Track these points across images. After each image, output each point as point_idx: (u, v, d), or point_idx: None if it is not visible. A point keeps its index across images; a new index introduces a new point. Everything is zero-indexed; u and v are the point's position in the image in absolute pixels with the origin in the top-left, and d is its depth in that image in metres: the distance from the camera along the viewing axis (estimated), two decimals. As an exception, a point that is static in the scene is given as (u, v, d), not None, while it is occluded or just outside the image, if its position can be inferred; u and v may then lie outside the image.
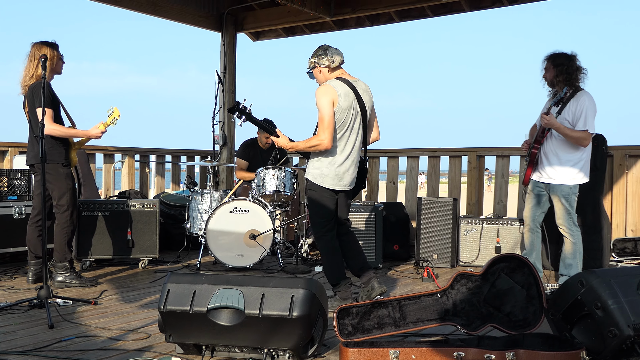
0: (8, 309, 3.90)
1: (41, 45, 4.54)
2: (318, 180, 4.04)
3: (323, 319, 3.01)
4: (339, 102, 3.93)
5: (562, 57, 4.63)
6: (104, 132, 4.65)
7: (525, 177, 4.84)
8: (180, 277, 2.98)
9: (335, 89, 3.95)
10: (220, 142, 7.87)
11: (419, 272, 5.51)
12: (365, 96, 4.11)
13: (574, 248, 4.68)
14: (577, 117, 4.49)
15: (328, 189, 4.05)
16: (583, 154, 4.61)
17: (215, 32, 8.03)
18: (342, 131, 4.00)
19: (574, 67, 4.59)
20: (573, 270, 4.69)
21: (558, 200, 4.65)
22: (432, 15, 7.28)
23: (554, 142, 4.63)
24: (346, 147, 4.03)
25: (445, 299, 3.30)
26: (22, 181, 5.49)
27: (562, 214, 4.65)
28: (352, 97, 4.00)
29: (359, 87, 4.07)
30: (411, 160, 6.94)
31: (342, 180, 4.06)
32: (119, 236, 5.53)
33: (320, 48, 4.11)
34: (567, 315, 3.02)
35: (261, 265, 5.62)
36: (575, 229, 4.69)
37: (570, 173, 4.59)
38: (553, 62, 4.64)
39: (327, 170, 4.03)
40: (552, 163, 4.62)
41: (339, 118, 3.96)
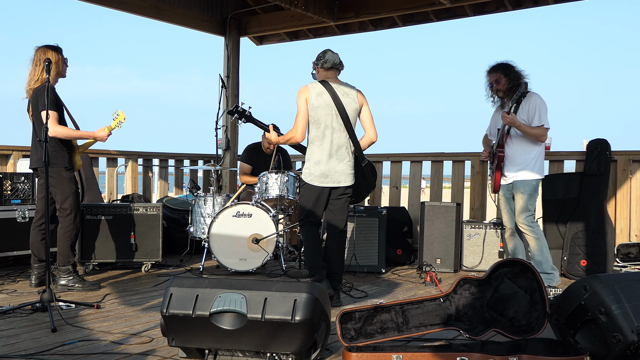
0: (11, 312, 3.91)
1: (45, 49, 4.56)
2: (307, 179, 4.39)
3: (326, 323, 3.01)
4: (311, 100, 4.32)
5: (508, 67, 4.91)
6: (109, 135, 4.67)
7: (496, 184, 5.01)
8: (182, 281, 2.98)
9: (310, 88, 4.36)
10: (223, 146, 7.88)
11: (421, 277, 5.50)
12: (346, 98, 4.37)
13: (538, 243, 4.83)
14: (532, 115, 4.80)
15: (316, 186, 4.36)
16: (538, 151, 4.88)
17: (219, 37, 8.05)
18: (320, 129, 4.33)
19: (518, 73, 4.91)
20: (545, 266, 4.82)
21: (520, 196, 4.84)
22: (436, 20, 7.29)
23: (514, 143, 4.88)
24: (329, 147, 4.35)
25: (448, 304, 3.29)
26: (25, 185, 5.50)
27: (522, 211, 4.84)
28: (327, 97, 4.33)
29: (338, 90, 4.37)
30: (414, 165, 6.93)
31: (328, 177, 4.35)
32: (122, 240, 5.54)
33: (321, 52, 4.46)
34: (571, 321, 3.01)
35: (264, 270, 5.61)
36: (535, 224, 4.89)
37: (531, 169, 4.84)
38: (503, 73, 4.91)
39: (314, 169, 4.36)
40: (514, 162, 4.87)
41: (312, 115, 4.33)
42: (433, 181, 6.89)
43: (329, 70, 4.43)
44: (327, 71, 4.43)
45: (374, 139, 4.51)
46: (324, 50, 4.45)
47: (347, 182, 4.41)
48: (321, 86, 4.36)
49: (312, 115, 4.33)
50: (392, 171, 7.11)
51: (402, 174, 7.11)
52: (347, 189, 4.44)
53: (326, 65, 4.41)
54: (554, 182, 5.76)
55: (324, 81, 4.39)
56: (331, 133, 4.33)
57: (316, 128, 4.34)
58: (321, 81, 4.40)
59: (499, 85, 4.92)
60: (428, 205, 5.95)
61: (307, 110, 4.33)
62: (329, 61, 4.40)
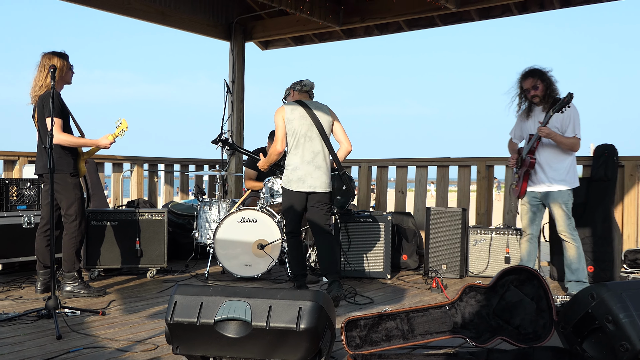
0: (16, 319, 3.91)
1: (51, 55, 4.57)
2: (286, 185, 4.74)
3: (331, 331, 2.99)
4: (286, 115, 4.71)
5: (543, 73, 4.85)
6: (112, 143, 4.68)
7: (522, 190, 4.92)
8: (187, 288, 2.97)
9: (284, 106, 4.78)
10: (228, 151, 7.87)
11: (427, 283, 5.47)
12: (318, 112, 4.76)
13: (577, 252, 4.80)
14: (566, 125, 4.75)
15: (294, 191, 4.69)
16: (572, 160, 4.85)
17: (225, 42, 8.06)
18: (297, 140, 4.69)
19: (551, 79, 4.85)
20: (581, 274, 4.79)
21: (558, 207, 4.78)
22: (442, 25, 7.27)
23: (546, 151, 4.81)
24: (305, 154, 4.68)
25: (454, 312, 3.27)
26: (31, 191, 5.51)
27: (563, 221, 4.79)
28: (300, 110, 4.72)
29: (311, 104, 4.79)
30: (420, 170, 6.91)
31: (305, 182, 4.66)
32: (128, 246, 5.53)
33: (297, 80, 4.92)
34: (578, 329, 2.99)
35: (269, 275, 5.60)
36: (575, 233, 4.82)
37: (566, 179, 4.78)
38: (540, 78, 4.84)
39: (292, 175, 4.70)
40: (547, 172, 4.80)
41: (289, 129, 4.71)
42: (439, 186, 6.87)
43: (302, 93, 4.88)
44: (301, 94, 4.88)
45: (349, 148, 4.89)
46: (299, 80, 4.90)
47: (323, 189, 4.71)
48: (295, 103, 4.79)
49: (288, 128, 4.71)
50: (397, 176, 7.09)
51: (408, 178, 7.09)
52: (324, 196, 4.73)
53: (304, 89, 4.88)
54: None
55: (298, 100, 4.84)
56: (306, 141, 4.69)
57: (293, 138, 4.71)
58: (296, 100, 4.84)
59: (536, 91, 4.82)
60: (434, 210, 5.93)
61: (284, 125, 4.72)
62: (307, 85, 4.88)
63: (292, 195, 4.73)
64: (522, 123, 5.03)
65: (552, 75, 4.86)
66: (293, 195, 4.72)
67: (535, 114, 4.91)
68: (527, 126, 4.96)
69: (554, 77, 4.86)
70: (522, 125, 5.03)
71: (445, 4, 6.43)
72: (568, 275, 4.82)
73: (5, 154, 6.06)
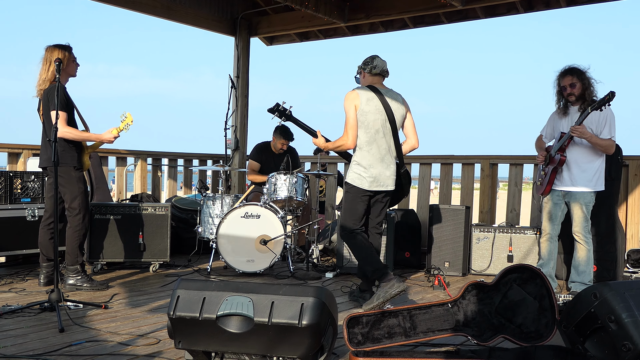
0: (19, 311, 3.92)
1: (54, 48, 4.57)
2: (357, 182, 4.40)
3: (333, 328, 3.00)
4: (361, 106, 4.32)
5: (582, 72, 4.75)
6: (116, 137, 4.68)
7: (547, 188, 4.87)
8: (190, 283, 2.98)
9: (359, 93, 4.35)
10: (232, 146, 7.88)
11: (430, 280, 5.47)
12: (394, 103, 4.40)
13: (588, 255, 4.77)
14: (602, 126, 4.67)
15: (366, 190, 4.39)
16: (602, 162, 4.75)
17: (229, 37, 8.05)
18: (370, 134, 4.35)
19: (590, 79, 4.74)
20: (586, 278, 4.75)
21: (579, 208, 4.74)
22: (447, 22, 7.26)
23: (576, 151, 4.74)
24: (379, 150, 4.38)
25: (456, 309, 3.27)
26: (35, 183, 5.53)
27: (581, 222, 4.75)
28: (377, 102, 4.34)
29: (387, 95, 4.40)
30: (423, 167, 6.91)
31: (377, 180, 4.38)
32: (131, 239, 5.55)
33: (369, 57, 4.50)
34: (580, 328, 2.98)
35: (272, 271, 5.61)
36: (589, 236, 4.80)
37: (591, 180, 4.73)
38: (579, 77, 4.74)
39: (365, 173, 4.37)
40: (574, 171, 4.74)
41: (362, 121, 4.34)
42: (442, 184, 6.87)
43: (375, 76, 4.47)
44: (374, 77, 4.47)
45: (415, 145, 4.59)
46: (372, 55, 4.48)
47: (392, 187, 4.47)
48: (370, 91, 4.38)
49: (361, 120, 4.34)
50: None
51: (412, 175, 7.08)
52: (389, 193, 4.52)
53: (375, 71, 4.44)
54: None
55: (372, 86, 4.42)
56: (381, 138, 4.37)
57: (366, 133, 4.35)
58: (369, 86, 4.43)
59: (573, 89, 4.74)
60: (437, 208, 5.93)
61: (356, 117, 4.34)
62: (377, 67, 4.44)
63: (363, 193, 4.41)
64: (555, 121, 4.96)
65: (592, 76, 4.75)
66: (364, 194, 4.42)
67: (570, 114, 4.83)
68: (560, 124, 4.88)
69: (593, 77, 4.76)
70: (555, 124, 4.96)
71: (451, 2, 6.41)
72: (573, 275, 4.81)
73: (9, 146, 6.07)
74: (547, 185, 4.85)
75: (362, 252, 4.41)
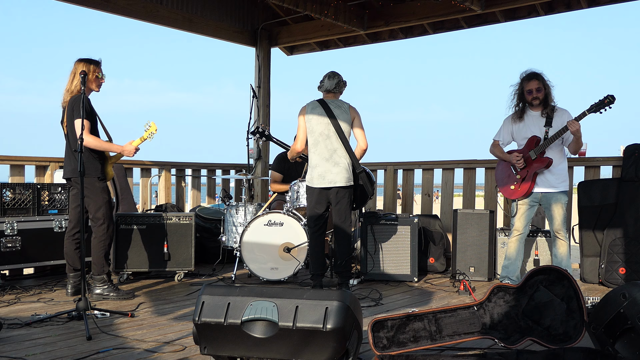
0: (48, 320, 3.98)
1: (82, 61, 4.67)
2: (309, 182, 4.97)
3: (357, 332, 2.98)
4: (307, 115, 4.99)
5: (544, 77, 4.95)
6: (137, 150, 4.73)
7: (528, 190, 4.94)
8: (214, 289, 2.99)
9: (306, 106, 5.03)
10: (254, 155, 7.92)
11: (455, 286, 5.43)
12: (337, 110, 4.95)
13: (568, 249, 4.96)
14: None
15: (315, 187, 4.91)
16: (566, 163, 5.01)
17: (250, 47, 8.12)
18: (314, 137, 4.93)
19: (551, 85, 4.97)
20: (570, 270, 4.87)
21: (560, 207, 4.92)
22: (466, 27, 7.22)
23: (549, 153, 4.89)
24: (323, 151, 4.90)
25: (482, 312, 3.24)
26: (62, 195, 5.61)
27: (562, 220, 4.94)
28: (320, 110, 4.95)
29: (331, 104, 4.97)
30: (446, 173, 6.86)
31: (324, 178, 4.87)
32: (156, 249, 5.59)
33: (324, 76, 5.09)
34: (610, 329, 2.94)
35: (296, 279, 5.61)
36: (568, 233, 5.04)
37: (565, 181, 4.94)
38: (543, 82, 4.94)
39: (312, 172, 4.94)
40: (554, 173, 4.89)
41: (308, 127, 4.98)
42: (466, 188, 6.81)
43: (326, 92, 5.08)
44: (324, 92, 5.09)
45: (364, 147, 5.04)
46: (327, 74, 5.07)
47: (342, 183, 4.87)
48: (316, 102, 5.02)
49: (308, 127, 4.98)
50: (423, 179, 7.05)
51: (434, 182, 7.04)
52: (344, 190, 4.90)
53: (321, 89, 5.10)
54: (591, 189, 5.65)
55: (320, 99, 5.05)
56: (324, 140, 4.90)
57: (311, 136, 4.96)
58: (318, 100, 5.04)
59: (539, 93, 4.91)
60: (461, 212, 5.88)
61: (304, 125, 4.99)
62: (323, 86, 5.07)
63: (313, 192, 4.93)
64: (514, 126, 5.06)
65: (549, 80, 4.97)
66: (314, 192, 4.93)
67: (530, 117, 4.97)
68: (525, 128, 4.99)
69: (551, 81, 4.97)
70: (515, 128, 5.06)
71: (471, 6, 6.39)
72: None
73: (37, 159, 6.17)
74: (528, 188, 4.92)
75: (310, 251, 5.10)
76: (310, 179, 4.98)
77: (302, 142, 5.06)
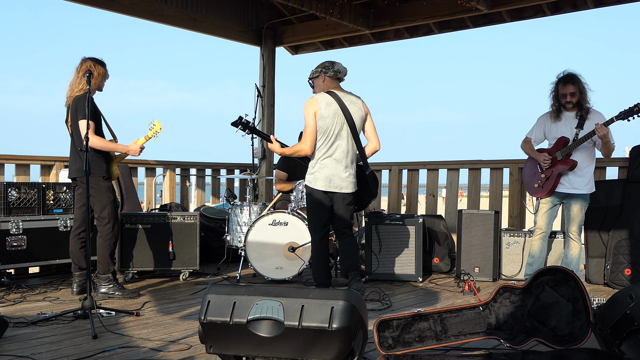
0: (53, 319, 3.99)
1: (87, 60, 4.68)
2: (312, 183, 4.55)
3: (363, 332, 2.98)
4: (320, 112, 4.46)
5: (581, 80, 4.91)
6: (142, 149, 4.72)
7: (552, 189, 4.95)
8: (220, 288, 2.99)
9: (318, 100, 4.49)
10: (259, 155, 7.93)
11: (460, 286, 5.42)
12: (352, 107, 4.54)
13: (580, 252, 4.98)
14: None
15: (320, 190, 4.53)
16: (594, 166, 4.98)
17: (255, 47, 8.12)
18: (328, 138, 4.49)
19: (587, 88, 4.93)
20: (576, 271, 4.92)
21: (580, 210, 4.93)
22: (472, 26, 7.21)
23: (577, 155, 4.88)
24: (335, 153, 4.52)
25: (487, 312, 3.23)
26: (67, 194, 5.62)
27: (579, 222, 4.95)
28: (335, 106, 4.48)
29: (345, 99, 4.53)
30: (451, 173, 6.86)
31: (332, 182, 4.51)
32: (160, 249, 5.60)
33: (328, 61, 4.63)
34: (616, 330, 2.93)
35: (300, 278, 5.61)
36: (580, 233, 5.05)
37: (589, 184, 4.93)
38: (579, 85, 4.90)
39: (319, 174, 4.52)
40: (578, 175, 4.88)
41: (321, 125, 4.48)
42: (470, 189, 6.81)
43: (334, 80, 4.62)
44: (333, 81, 4.61)
45: (377, 147, 4.71)
46: (330, 60, 4.62)
47: (349, 189, 4.59)
48: (329, 96, 4.52)
49: (320, 125, 4.48)
50: (428, 179, 7.05)
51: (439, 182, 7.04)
52: (350, 196, 4.62)
53: (340, 75, 4.60)
54: (596, 190, 5.62)
55: (330, 91, 4.56)
56: (339, 141, 4.51)
57: (323, 135, 4.50)
58: (327, 92, 4.56)
59: (573, 97, 4.89)
60: (466, 213, 5.87)
61: (315, 124, 4.49)
62: (341, 72, 4.60)
63: (318, 195, 4.58)
64: (548, 125, 5.07)
65: (586, 83, 4.93)
66: (319, 195, 4.57)
67: (566, 118, 4.96)
68: (556, 129, 4.99)
69: (587, 84, 4.93)
70: (547, 127, 5.07)
71: (477, 6, 6.38)
72: None
73: (42, 158, 6.19)
74: (552, 187, 4.93)
75: (314, 262, 4.71)
76: (313, 180, 4.57)
77: (313, 144, 4.53)
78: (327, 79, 4.62)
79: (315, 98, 4.51)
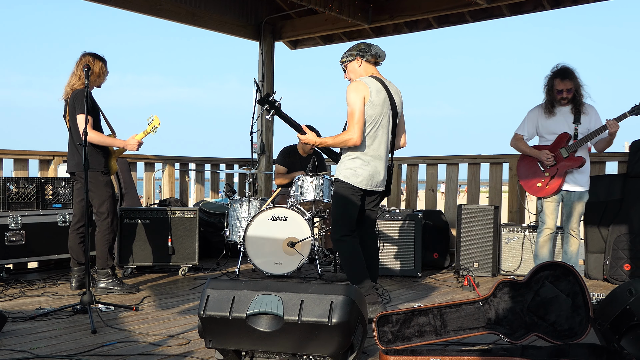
0: (52, 314, 3.98)
1: (87, 55, 4.66)
2: (351, 180, 3.93)
3: (362, 326, 2.98)
4: (370, 98, 3.87)
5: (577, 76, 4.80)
6: (140, 144, 4.71)
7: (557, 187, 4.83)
8: (219, 282, 2.99)
9: (367, 85, 3.89)
10: (258, 150, 7.91)
11: (459, 281, 5.42)
12: (397, 97, 4.06)
13: (578, 247, 4.94)
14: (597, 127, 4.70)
15: (360, 188, 3.96)
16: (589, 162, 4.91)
17: (254, 41, 8.10)
18: (374, 128, 3.93)
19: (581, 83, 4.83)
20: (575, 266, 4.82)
21: (581, 206, 4.87)
22: (472, 21, 7.19)
23: (580, 152, 4.81)
24: (380, 147, 3.97)
25: (487, 307, 3.23)
26: (66, 189, 5.61)
27: (579, 218, 4.92)
28: (384, 95, 3.95)
29: (391, 88, 4.03)
30: (451, 168, 6.85)
31: (373, 180, 3.97)
32: (160, 244, 5.59)
33: (364, 43, 4.08)
34: (616, 325, 2.93)
35: (299, 273, 5.61)
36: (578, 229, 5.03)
37: (588, 181, 4.87)
38: (575, 82, 4.78)
39: (361, 171, 3.94)
40: (581, 172, 4.82)
41: (369, 114, 3.89)
42: (470, 184, 6.80)
43: (372, 65, 4.07)
44: (370, 65, 4.06)
45: (405, 144, 4.28)
46: (366, 42, 4.09)
47: (383, 188, 4.10)
48: (377, 83, 3.95)
49: (369, 114, 3.89)
50: (427, 174, 7.04)
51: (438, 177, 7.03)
52: (380, 195, 4.17)
53: (379, 60, 4.08)
54: (596, 184, 5.61)
55: (377, 77, 4.01)
56: (383, 134, 3.97)
57: (371, 126, 3.91)
58: (374, 77, 4.00)
59: (569, 94, 4.77)
60: (465, 208, 5.87)
61: (364, 110, 3.86)
62: (380, 56, 4.05)
63: (356, 192, 3.97)
64: (541, 120, 4.89)
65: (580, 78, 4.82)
66: (358, 193, 3.98)
67: (561, 113, 4.80)
68: (552, 124, 4.83)
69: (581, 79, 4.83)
70: (541, 123, 4.89)
71: (476, 0, 6.36)
72: None
73: (40, 153, 6.17)
74: (558, 185, 4.80)
75: (350, 262, 3.98)
76: (352, 175, 3.93)
77: (362, 132, 3.87)
78: (364, 63, 4.03)
79: (365, 82, 3.90)
